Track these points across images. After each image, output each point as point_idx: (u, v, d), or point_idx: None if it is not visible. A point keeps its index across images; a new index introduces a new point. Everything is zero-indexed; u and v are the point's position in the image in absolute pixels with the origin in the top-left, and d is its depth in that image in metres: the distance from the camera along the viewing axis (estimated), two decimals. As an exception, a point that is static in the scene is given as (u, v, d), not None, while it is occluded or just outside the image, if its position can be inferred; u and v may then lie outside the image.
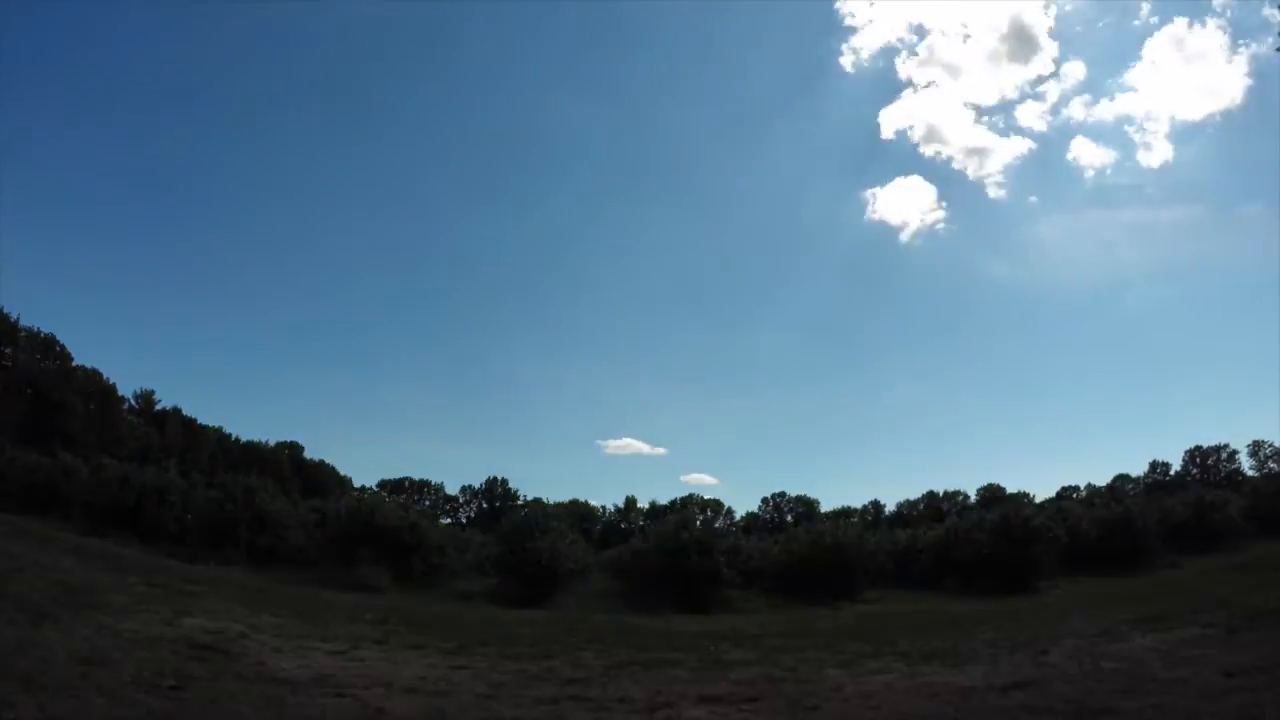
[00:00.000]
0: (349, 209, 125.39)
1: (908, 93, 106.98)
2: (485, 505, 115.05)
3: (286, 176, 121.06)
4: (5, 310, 62.83)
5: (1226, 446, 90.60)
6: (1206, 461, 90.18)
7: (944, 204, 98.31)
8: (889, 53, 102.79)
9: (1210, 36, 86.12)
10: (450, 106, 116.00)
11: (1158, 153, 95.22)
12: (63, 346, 68.85)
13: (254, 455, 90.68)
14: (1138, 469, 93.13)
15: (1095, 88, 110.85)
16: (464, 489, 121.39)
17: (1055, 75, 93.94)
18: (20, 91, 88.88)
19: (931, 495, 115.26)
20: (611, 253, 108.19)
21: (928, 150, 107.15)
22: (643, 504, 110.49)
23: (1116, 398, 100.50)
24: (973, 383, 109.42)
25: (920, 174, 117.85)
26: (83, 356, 71.42)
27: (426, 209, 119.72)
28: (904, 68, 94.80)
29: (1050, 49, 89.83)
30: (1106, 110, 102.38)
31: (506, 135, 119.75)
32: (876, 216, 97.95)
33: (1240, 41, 78.33)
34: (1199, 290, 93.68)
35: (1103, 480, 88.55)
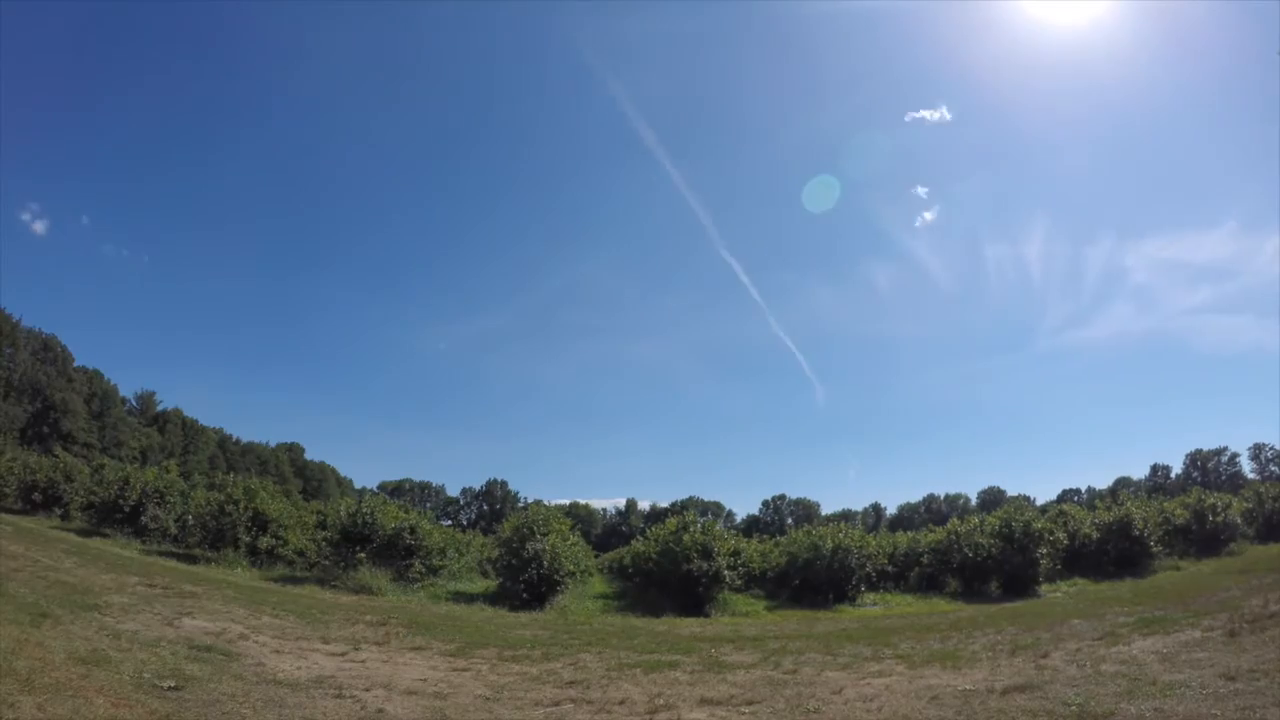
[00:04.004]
0: (349, 212, 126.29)
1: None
2: (485, 507, 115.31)
3: (290, 180, 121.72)
4: (6, 310, 63.03)
5: (1226, 450, 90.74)
6: (1207, 465, 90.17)
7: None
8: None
9: None
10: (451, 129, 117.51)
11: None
12: (64, 347, 69.18)
13: (254, 456, 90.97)
14: (1139, 472, 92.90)
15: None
16: (464, 491, 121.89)
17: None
18: (20, 91, 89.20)
19: (932, 498, 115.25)
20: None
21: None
22: (643, 506, 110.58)
23: (1117, 401, 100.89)
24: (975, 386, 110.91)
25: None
26: (84, 357, 71.59)
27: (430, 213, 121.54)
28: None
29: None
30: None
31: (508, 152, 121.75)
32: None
33: None
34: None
35: (1104, 483, 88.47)
